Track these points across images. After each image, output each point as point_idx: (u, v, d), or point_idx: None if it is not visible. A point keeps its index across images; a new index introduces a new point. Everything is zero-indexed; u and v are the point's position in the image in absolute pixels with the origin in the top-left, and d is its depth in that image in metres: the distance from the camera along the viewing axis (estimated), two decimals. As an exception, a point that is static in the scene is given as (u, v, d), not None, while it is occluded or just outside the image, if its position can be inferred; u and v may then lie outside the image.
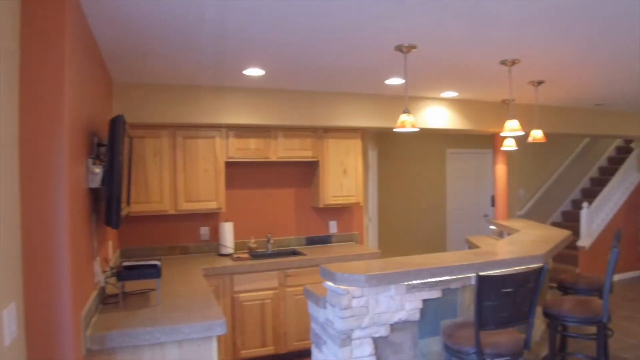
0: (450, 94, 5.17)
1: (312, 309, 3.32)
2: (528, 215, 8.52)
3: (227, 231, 4.77)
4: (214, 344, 2.57)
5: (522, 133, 4.04)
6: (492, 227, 6.15)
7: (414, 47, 3.27)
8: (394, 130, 3.87)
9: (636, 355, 4.57)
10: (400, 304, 3.02)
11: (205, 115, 4.41)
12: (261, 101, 4.62)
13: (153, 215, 4.45)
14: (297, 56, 3.53)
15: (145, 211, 4.31)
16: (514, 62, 3.75)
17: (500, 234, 5.83)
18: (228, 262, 4.41)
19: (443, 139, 8.12)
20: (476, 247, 4.66)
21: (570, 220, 8.82)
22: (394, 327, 3.06)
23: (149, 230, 4.67)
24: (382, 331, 3.00)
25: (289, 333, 4.54)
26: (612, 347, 4.70)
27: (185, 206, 4.47)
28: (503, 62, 3.77)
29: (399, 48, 3.29)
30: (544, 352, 4.22)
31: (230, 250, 4.75)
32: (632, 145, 8.68)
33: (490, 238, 5.66)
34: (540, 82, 4.56)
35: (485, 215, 8.29)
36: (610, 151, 9.96)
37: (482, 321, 2.73)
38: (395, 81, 4.39)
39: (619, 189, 8.09)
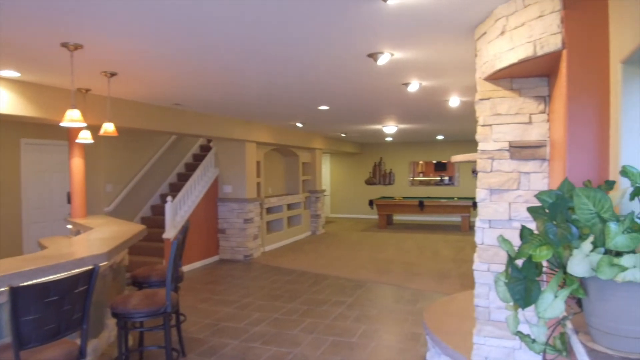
0: (11, 73, 4.40)
1: None
2: (116, 211, 8.34)
3: None
4: None
5: (85, 124, 3.77)
6: (69, 226, 5.67)
7: None
8: None
9: (210, 332, 5.00)
10: None
11: None
12: None
13: None
14: None
15: None
16: (76, 47, 3.46)
17: (77, 233, 5.42)
18: None
19: (16, 127, 7.02)
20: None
21: (158, 214, 9.18)
22: None
23: None
24: None
25: None
26: (188, 330, 5.00)
27: None
28: (64, 45, 3.42)
29: None
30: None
31: None
32: (212, 144, 9.73)
33: (66, 238, 5.19)
34: (113, 74, 4.41)
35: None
36: (195, 149, 10.91)
37: (23, 339, 2.34)
38: None
39: (200, 183, 8.91)
